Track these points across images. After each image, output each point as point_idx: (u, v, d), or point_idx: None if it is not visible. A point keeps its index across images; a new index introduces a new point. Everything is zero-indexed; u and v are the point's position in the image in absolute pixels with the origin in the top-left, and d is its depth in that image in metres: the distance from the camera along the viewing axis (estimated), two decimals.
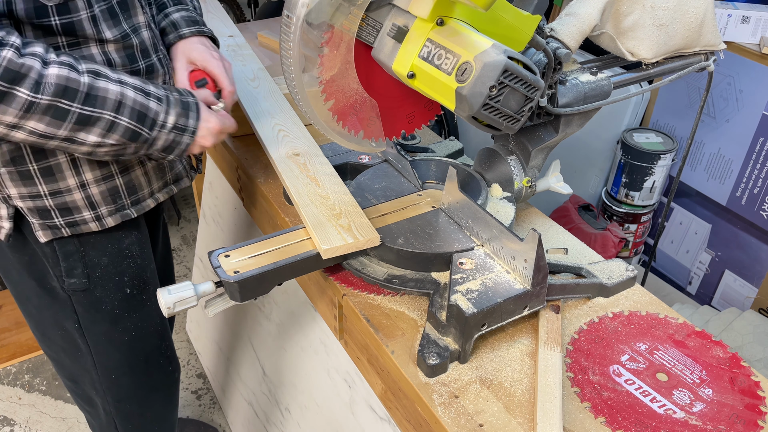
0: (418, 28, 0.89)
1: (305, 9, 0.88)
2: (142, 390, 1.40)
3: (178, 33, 1.20)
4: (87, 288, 1.18)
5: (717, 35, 1.17)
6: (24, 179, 1.04)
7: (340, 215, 1.06)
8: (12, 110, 0.87)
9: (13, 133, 0.90)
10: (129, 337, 1.28)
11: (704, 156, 2.18)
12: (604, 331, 0.98)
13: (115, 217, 1.14)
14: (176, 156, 1.07)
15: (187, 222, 3.11)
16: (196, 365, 2.35)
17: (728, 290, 2.24)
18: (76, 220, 1.10)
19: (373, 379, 1.09)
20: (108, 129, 0.95)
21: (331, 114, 0.99)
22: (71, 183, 1.07)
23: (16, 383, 2.27)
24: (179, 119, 1.03)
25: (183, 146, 1.05)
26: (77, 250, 1.14)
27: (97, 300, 1.20)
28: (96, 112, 0.93)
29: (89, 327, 1.23)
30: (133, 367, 1.34)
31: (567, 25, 1.04)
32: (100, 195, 1.10)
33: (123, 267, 1.20)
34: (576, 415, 0.85)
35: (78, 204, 1.09)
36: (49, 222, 1.08)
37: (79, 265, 1.15)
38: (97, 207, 1.11)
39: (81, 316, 1.21)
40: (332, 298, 1.12)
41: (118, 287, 1.21)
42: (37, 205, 1.07)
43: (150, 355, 1.36)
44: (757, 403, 0.86)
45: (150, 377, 1.40)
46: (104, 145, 0.97)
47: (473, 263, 0.98)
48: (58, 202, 1.07)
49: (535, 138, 1.13)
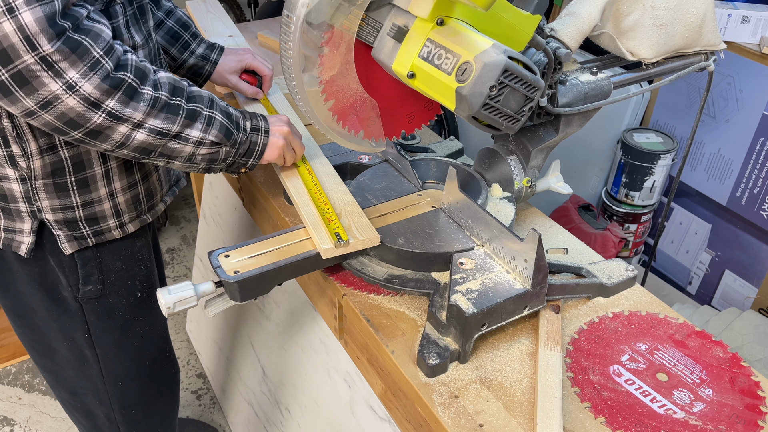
0: (418, 28, 0.89)
1: (305, 9, 0.88)
2: (148, 395, 1.40)
3: (211, 61, 1.36)
4: (101, 295, 1.19)
5: (717, 35, 1.17)
6: (59, 191, 1.05)
7: (341, 215, 1.06)
8: (142, 106, 0.91)
9: (135, 133, 0.92)
10: (137, 342, 1.30)
11: (704, 156, 2.18)
12: (604, 331, 0.98)
13: (134, 223, 1.17)
14: (255, 160, 1.10)
15: (187, 222, 3.11)
16: (196, 365, 2.35)
17: (728, 290, 2.24)
18: (101, 228, 1.12)
19: (373, 379, 1.09)
20: (207, 124, 0.99)
21: (331, 114, 0.99)
22: (102, 193, 1.09)
23: (16, 383, 2.27)
24: (253, 121, 1.08)
25: (261, 147, 1.09)
26: (94, 257, 1.15)
27: (110, 306, 1.21)
28: (198, 108, 0.98)
29: (100, 336, 1.24)
30: (140, 372, 1.35)
31: (567, 25, 1.04)
32: (125, 203, 1.13)
33: (135, 270, 1.23)
34: (576, 415, 0.85)
35: (106, 213, 1.11)
36: (76, 233, 1.10)
37: (95, 271, 1.16)
38: (122, 215, 1.14)
39: (92, 325, 1.22)
40: (332, 298, 1.12)
41: (129, 291, 1.23)
42: (67, 216, 1.08)
43: (155, 359, 1.38)
44: (757, 403, 0.86)
45: (155, 381, 1.41)
46: (204, 144, 1.00)
47: (473, 263, 0.98)
48: (87, 212, 1.09)
49: (535, 138, 1.13)
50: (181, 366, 2.34)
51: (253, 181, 1.36)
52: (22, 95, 0.81)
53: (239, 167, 1.09)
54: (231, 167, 1.09)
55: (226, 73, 1.37)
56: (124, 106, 0.88)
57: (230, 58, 1.37)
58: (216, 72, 1.37)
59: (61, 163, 1.02)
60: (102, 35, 0.85)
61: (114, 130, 0.90)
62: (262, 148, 1.09)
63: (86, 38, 0.83)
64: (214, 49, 1.37)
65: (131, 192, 1.13)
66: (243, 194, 1.56)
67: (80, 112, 0.85)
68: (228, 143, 1.03)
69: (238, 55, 1.38)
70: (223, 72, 1.37)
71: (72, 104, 0.84)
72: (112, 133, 0.91)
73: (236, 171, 1.10)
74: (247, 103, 1.41)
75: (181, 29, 1.33)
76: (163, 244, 2.95)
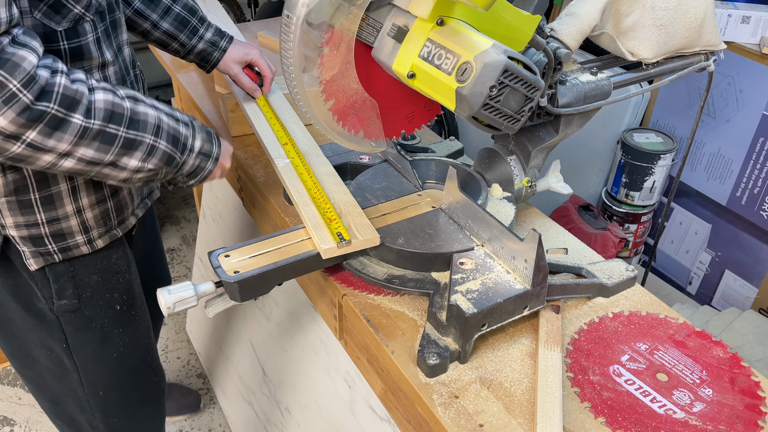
0: (418, 28, 0.89)
1: (305, 9, 0.88)
2: (130, 404, 1.38)
3: (220, 48, 1.35)
4: (77, 308, 1.16)
5: (717, 35, 1.17)
6: (23, 208, 1.03)
7: (341, 215, 1.06)
8: (68, 137, 0.86)
9: (62, 161, 0.89)
10: (117, 353, 1.27)
11: (704, 156, 2.18)
12: (604, 331, 0.98)
13: (104, 238, 1.14)
14: (198, 181, 1.08)
15: (187, 222, 3.11)
16: (196, 365, 2.35)
17: (728, 290, 2.24)
18: (69, 245, 1.09)
19: (373, 379, 1.09)
20: (148, 153, 0.96)
21: (331, 114, 0.99)
22: (69, 210, 1.06)
23: (16, 383, 2.27)
24: (204, 145, 1.06)
25: (206, 172, 1.08)
26: (67, 271, 1.12)
27: (87, 319, 1.19)
28: (139, 136, 0.94)
29: (78, 347, 1.21)
30: (121, 382, 1.32)
31: (567, 25, 1.04)
32: (93, 219, 1.10)
33: (113, 283, 1.20)
34: (576, 415, 0.85)
35: (73, 229, 1.08)
36: (41, 249, 1.07)
37: (69, 286, 1.13)
38: (90, 231, 1.11)
39: (69, 335, 1.19)
40: (332, 298, 1.12)
41: (108, 304, 1.21)
42: (32, 233, 1.05)
43: (137, 368, 1.35)
44: (757, 403, 0.86)
45: (137, 391, 1.38)
46: (143, 171, 0.97)
47: (473, 263, 0.98)
48: (53, 229, 1.06)
49: (535, 138, 1.13)
50: (181, 366, 2.34)
51: (253, 181, 1.36)
52: None
53: (178, 184, 1.08)
54: (170, 183, 1.07)
55: (231, 62, 1.36)
56: (46, 137, 0.84)
57: (238, 48, 1.37)
58: (227, 60, 1.36)
59: (24, 180, 1.00)
60: (22, 65, 0.80)
61: (38, 158, 0.87)
62: (206, 174, 1.08)
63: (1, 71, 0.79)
64: (224, 36, 1.36)
65: (100, 208, 1.10)
66: (243, 194, 1.56)
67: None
68: (168, 168, 1.01)
69: (246, 47, 1.38)
70: (228, 60, 1.36)
71: None
72: (36, 161, 0.88)
73: (175, 185, 1.08)
74: (245, 100, 1.41)
75: (188, 15, 1.32)
76: (163, 244, 2.95)
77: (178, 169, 1.03)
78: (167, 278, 1.67)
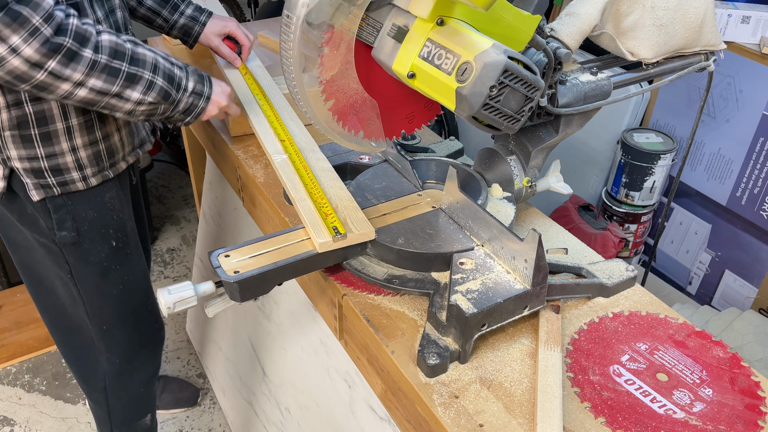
0: (418, 28, 0.89)
1: (305, 9, 0.88)
2: (132, 344, 1.53)
3: (200, 22, 1.54)
4: (77, 241, 1.31)
5: (717, 35, 1.17)
6: (25, 142, 1.18)
7: (337, 209, 1.06)
8: (80, 68, 1.03)
9: (77, 91, 1.06)
10: (117, 290, 1.42)
11: (704, 156, 2.18)
12: (604, 331, 0.98)
13: (97, 177, 1.29)
14: (193, 118, 1.23)
15: (187, 222, 3.11)
16: (196, 365, 2.35)
17: (728, 290, 2.24)
18: (65, 179, 1.25)
19: (373, 379, 1.09)
20: (148, 87, 1.12)
21: (331, 114, 0.99)
22: (65, 147, 1.22)
23: (16, 383, 2.27)
24: (197, 85, 1.21)
25: (199, 110, 1.23)
26: (65, 204, 1.27)
27: (86, 252, 1.33)
28: (139, 72, 1.11)
29: (81, 279, 1.36)
30: (123, 320, 1.47)
31: (567, 25, 1.04)
32: (86, 158, 1.25)
33: (107, 220, 1.34)
34: (576, 415, 0.85)
35: (69, 165, 1.24)
36: (42, 182, 1.23)
37: (68, 218, 1.28)
38: (84, 168, 1.26)
39: (73, 266, 1.34)
40: (332, 298, 1.12)
41: (104, 239, 1.35)
42: (33, 166, 1.21)
43: (138, 309, 1.50)
44: (757, 403, 0.86)
45: (138, 332, 1.53)
46: (144, 103, 1.13)
47: (473, 263, 0.98)
48: (51, 164, 1.22)
49: (535, 138, 1.13)
50: (181, 366, 2.34)
51: (253, 181, 1.36)
52: None
53: (177, 121, 1.23)
54: (169, 120, 1.22)
55: (212, 35, 1.54)
56: (63, 67, 1.02)
57: (217, 22, 1.55)
58: (207, 33, 1.55)
59: (25, 116, 1.16)
60: (42, 4, 0.97)
61: (57, 87, 1.04)
62: (200, 111, 1.23)
63: (26, 8, 0.96)
64: (203, 11, 1.55)
65: (92, 149, 1.26)
66: (243, 194, 1.56)
67: (24, 70, 1.00)
68: (166, 103, 1.16)
69: (224, 20, 1.56)
70: (209, 33, 1.55)
71: (17, 64, 0.98)
72: (56, 89, 1.04)
73: (173, 124, 1.24)
74: (227, 67, 1.55)
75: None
76: (163, 244, 2.95)
77: (174, 105, 1.18)
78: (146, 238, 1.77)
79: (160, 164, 3.46)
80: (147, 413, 1.70)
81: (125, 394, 1.62)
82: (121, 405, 1.62)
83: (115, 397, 1.60)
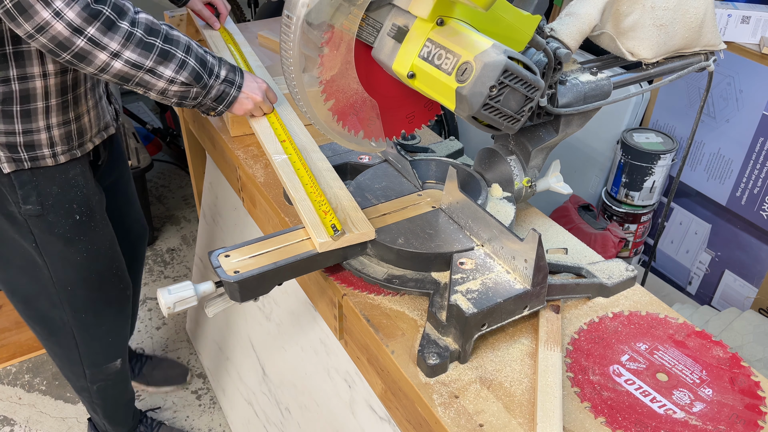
0: (418, 28, 0.89)
1: (305, 9, 0.88)
2: (97, 303, 1.57)
3: None
4: (41, 214, 1.36)
5: (717, 35, 1.17)
6: (6, 117, 1.23)
7: (336, 209, 1.06)
8: (117, 38, 1.08)
9: (113, 62, 1.10)
10: (81, 257, 1.46)
11: (704, 156, 2.18)
12: (604, 331, 0.98)
13: (66, 155, 1.34)
14: (225, 106, 1.28)
15: (187, 222, 3.11)
16: (196, 365, 2.35)
17: (728, 290, 2.24)
18: (37, 155, 1.30)
19: (373, 379, 1.09)
20: (180, 66, 1.16)
21: (331, 114, 0.99)
22: (41, 125, 1.27)
23: (16, 383, 2.27)
24: (228, 74, 1.26)
25: (231, 98, 1.27)
26: (30, 180, 1.31)
27: (50, 224, 1.38)
28: (172, 49, 1.15)
29: (46, 247, 1.41)
30: (87, 282, 1.51)
31: (567, 25, 1.04)
32: (58, 137, 1.31)
33: (71, 195, 1.39)
34: (576, 415, 0.85)
35: (42, 142, 1.29)
36: (14, 156, 1.27)
37: (33, 193, 1.33)
38: (55, 146, 1.31)
39: (38, 237, 1.39)
40: (332, 298, 1.12)
41: (68, 213, 1.39)
42: (9, 140, 1.25)
43: (103, 273, 1.54)
44: (757, 403, 0.86)
45: (103, 292, 1.57)
46: (176, 82, 1.17)
47: (473, 263, 0.98)
48: (26, 139, 1.27)
49: (535, 138, 1.13)
50: None
51: (253, 181, 1.36)
52: (23, 21, 1.02)
53: (209, 109, 1.27)
54: (201, 107, 1.26)
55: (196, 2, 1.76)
56: (102, 34, 1.06)
57: None
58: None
59: (11, 93, 1.20)
60: None
61: (95, 56, 1.08)
62: (232, 99, 1.28)
63: None
64: None
65: (65, 128, 1.31)
66: (243, 194, 1.56)
67: (66, 36, 1.03)
68: (198, 86, 1.20)
69: None
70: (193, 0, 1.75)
71: (60, 29, 1.02)
72: (94, 59, 1.08)
73: (206, 112, 1.28)
74: (206, 29, 1.75)
75: None
76: (163, 244, 2.95)
77: (206, 90, 1.22)
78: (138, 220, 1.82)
79: (160, 164, 3.46)
80: (117, 358, 1.74)
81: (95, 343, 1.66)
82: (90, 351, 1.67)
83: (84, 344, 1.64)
